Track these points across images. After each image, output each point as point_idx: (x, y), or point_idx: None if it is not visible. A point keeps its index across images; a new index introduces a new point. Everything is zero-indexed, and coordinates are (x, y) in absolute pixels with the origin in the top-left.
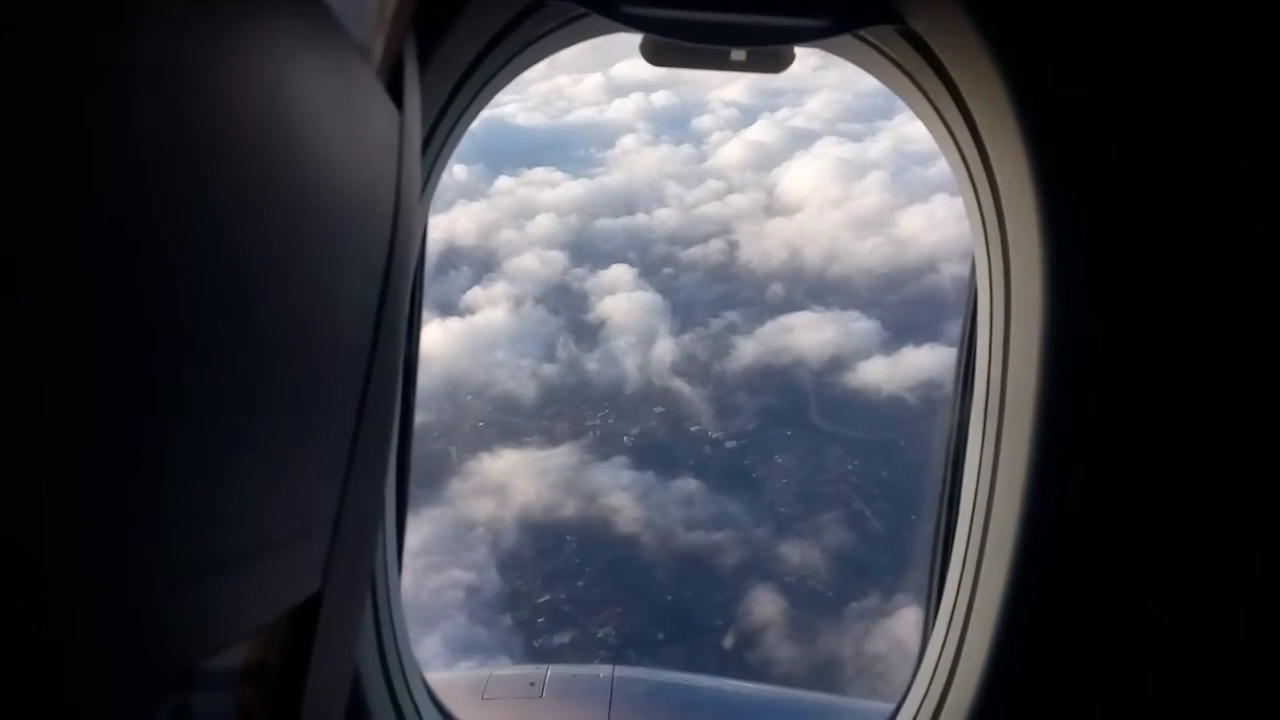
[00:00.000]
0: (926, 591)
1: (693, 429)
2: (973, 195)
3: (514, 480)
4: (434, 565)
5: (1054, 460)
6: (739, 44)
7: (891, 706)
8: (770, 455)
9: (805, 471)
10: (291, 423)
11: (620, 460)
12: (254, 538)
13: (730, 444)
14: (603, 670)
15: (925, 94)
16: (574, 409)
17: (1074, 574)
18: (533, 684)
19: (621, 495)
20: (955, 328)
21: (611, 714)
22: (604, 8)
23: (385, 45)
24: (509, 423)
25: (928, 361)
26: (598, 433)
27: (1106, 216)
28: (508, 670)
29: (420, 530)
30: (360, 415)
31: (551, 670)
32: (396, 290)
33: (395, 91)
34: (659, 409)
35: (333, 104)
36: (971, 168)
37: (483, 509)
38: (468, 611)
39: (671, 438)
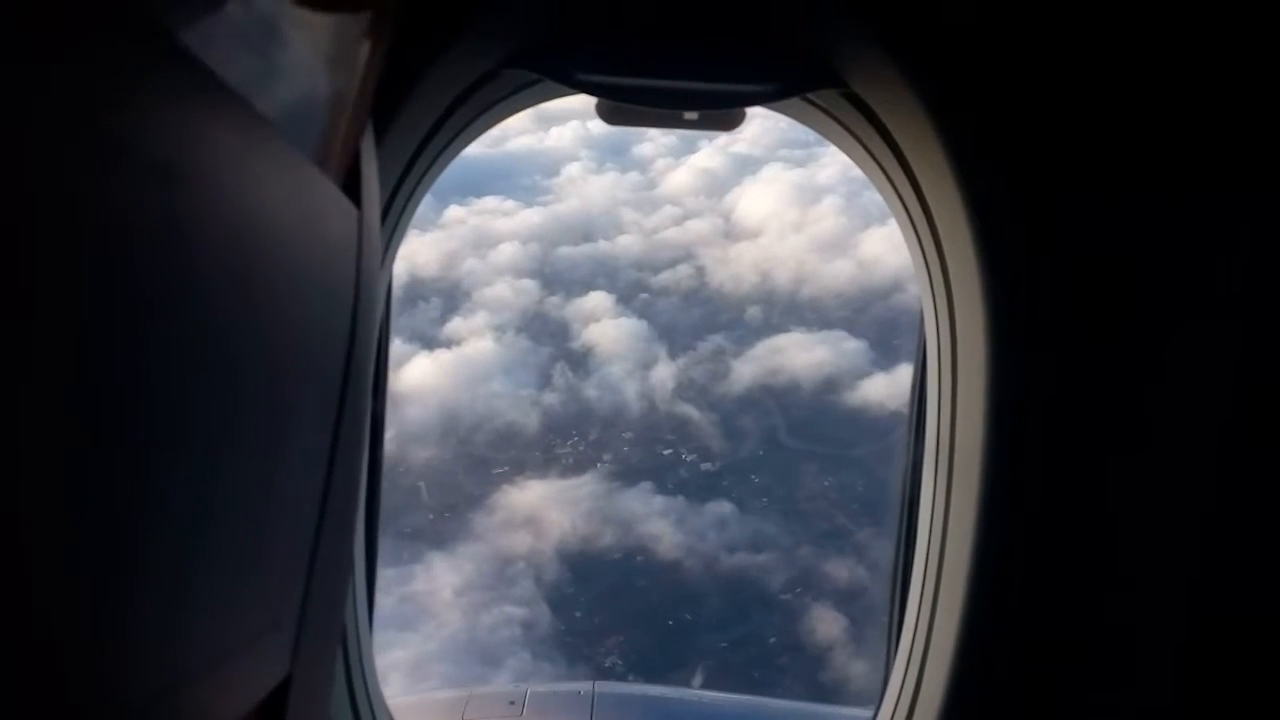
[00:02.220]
0: (888, 619)
1: (710, 452)
2: (917, 245)
3: (544, 512)
4: (482, 603)
5: (1004, 493)
6: (690, 108)
7: (869, 713)
8: (792, 475)
9: (831, 489)
10: (256, 520)
11: (646, 486)
12: (222, 641)
13: (750, 466)
14: (583, 686)
15: (869, 152)
16: (585, 438)
17: (1027, 601)
18: (512, 702)
19: (657, 522)
20: None
21: None
22: (560, 75)
23: (342, 144)
24: (522, 454)
25: None
26: (617, 460)
27: (1045, 270)
28: (487, 689)
29: (460, 569)
30: (324, 502)
31: (531, 688)
32: (358, 380)
33: (353, 187)
34: (671, 434)
35: (288, 219)
36: (916, 222)
37: (519, 542)
38: (529, 648)
39: (691, 462)
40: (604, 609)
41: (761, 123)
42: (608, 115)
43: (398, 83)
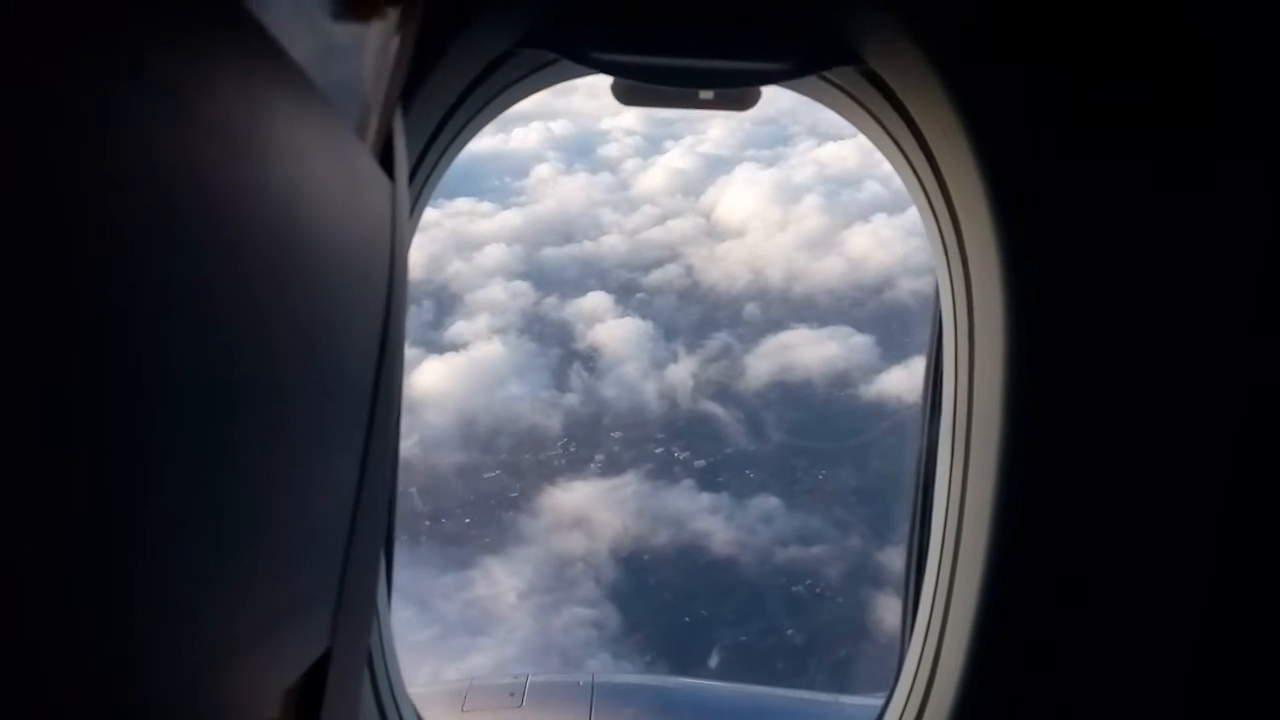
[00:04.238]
0: (903, 604)
1: (742, 448)
2: (934, 224)
3: (591, 513)
4: (549, 605)
5: (1021, 475)
6: (706, 86)
7: (879, 702)
8: (826, 468)
9: (868, 478)
10: (300, 493)
11: (688, 483)
12: (267, 613)
13: (783, 460)
14: (583, 677)
15: (886, 130)
16: (616, 438)
17: (1042, 583)
18: (512, 694)
19: (707, 519)
20: None
21: None
22: (575, 54)
23: (379, 119)
24: (554, 456)
25: None
26: (655, 459)
27: (1062, 241)
28: (487, 680)
29: (520, 572)
30: (362, 477)
31: (531, 679)
32: (393, 354)
33: (386, 161)
34: (700, 432)
35: (331, 187)
36: (932, 198)
37: (572, 543)
38: (608, 649)
39: (727, 458)
40: (668, 606)
41: (725, 123)
42: (624, 95)
43: (418, 63)
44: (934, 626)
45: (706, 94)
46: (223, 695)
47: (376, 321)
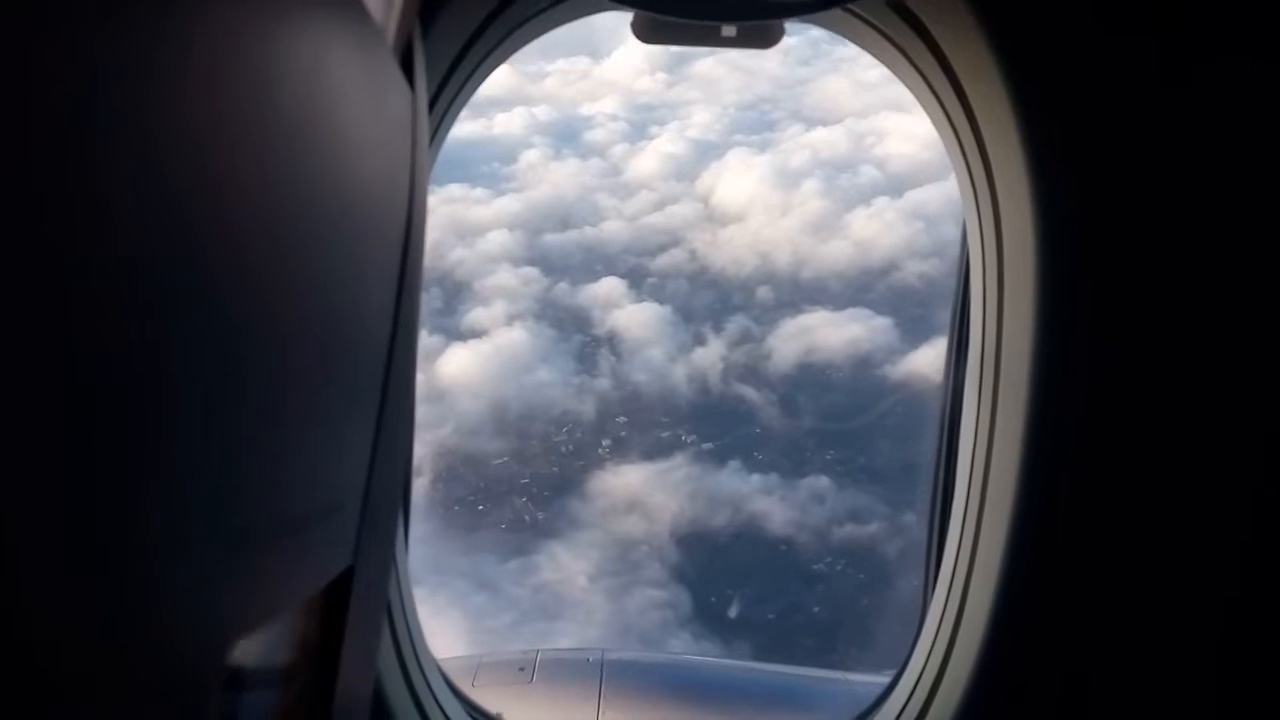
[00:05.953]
0: (925, 561)
1: (782, 429)
2: (964, 166)
3: (646, 495)
4: (621, 588)
5: (1048, 425)
6: (731, 19)
7: (887, 680)
8: (872, 445)
9: (911, 454)
10: (324, 399)
11: (735, 465)
12: (301, 505)
13: (822, 440)
14: (592, 653)
15: (915, 66)
16: (653, 421)
17: (1069, 542)
18: (522, 669)
19: (760, 499)
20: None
21: (602, 696)
22: None
23: (399, 24)
24: (595, 441)
25: None
26: (699, 442)
27: (1096, 182)
28: (497, 656)
29: (587, 556)
30: (384, 392)
31: (541, 655)
32: (413, 267)
33: (407, 69)
34: (737, 414)
35: (355, 86)
36: (962, 138)
37: (632, 526)
38: (689, 630)
39: (768, 440)
40: (733, 584)
41: (708, 108)
42: (644, 32)
43: None
44: (956, 584)
45: (729, 30)
46: (252, 583)
47: (398, 231)
